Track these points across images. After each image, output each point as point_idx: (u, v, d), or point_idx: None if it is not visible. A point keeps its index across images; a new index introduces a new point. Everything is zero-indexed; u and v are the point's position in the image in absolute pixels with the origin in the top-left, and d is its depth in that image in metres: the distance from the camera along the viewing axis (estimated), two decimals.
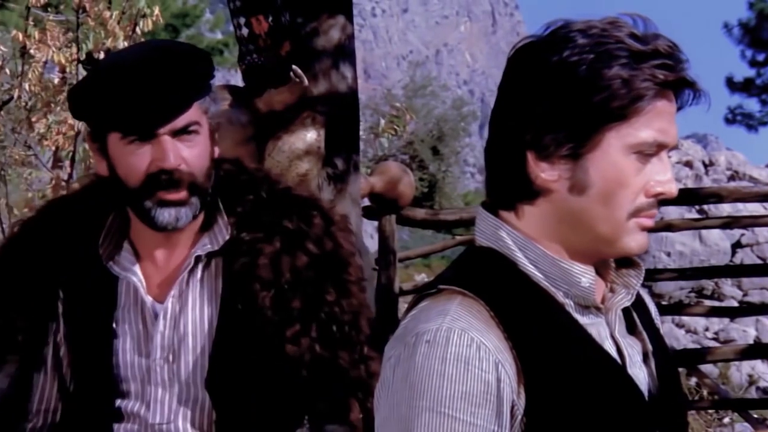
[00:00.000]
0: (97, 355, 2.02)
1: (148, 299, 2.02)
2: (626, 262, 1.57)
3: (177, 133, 1.94)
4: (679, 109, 1.48)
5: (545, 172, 1.46)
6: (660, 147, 1.45)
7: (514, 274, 1.49)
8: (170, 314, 2.00)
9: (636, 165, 1.44)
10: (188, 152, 1.94)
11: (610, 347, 1.51)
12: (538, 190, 1.48)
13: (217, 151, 2.04)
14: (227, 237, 2.03)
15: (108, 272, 2.02)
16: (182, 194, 1.94)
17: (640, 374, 1.54)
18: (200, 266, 2.03)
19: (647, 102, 1.42)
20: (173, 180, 1.93)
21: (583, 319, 1.50)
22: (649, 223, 1.48)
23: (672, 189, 1.46)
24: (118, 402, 2.02)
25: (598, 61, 1.41)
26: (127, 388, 2.02)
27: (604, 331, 1.52)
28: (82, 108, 1.99)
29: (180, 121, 1.93)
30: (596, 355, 1.48)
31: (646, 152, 1.44)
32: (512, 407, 1.41)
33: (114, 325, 2.02)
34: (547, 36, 1.47)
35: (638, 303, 1.62)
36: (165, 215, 1.95)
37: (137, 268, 2.03)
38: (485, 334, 1.41)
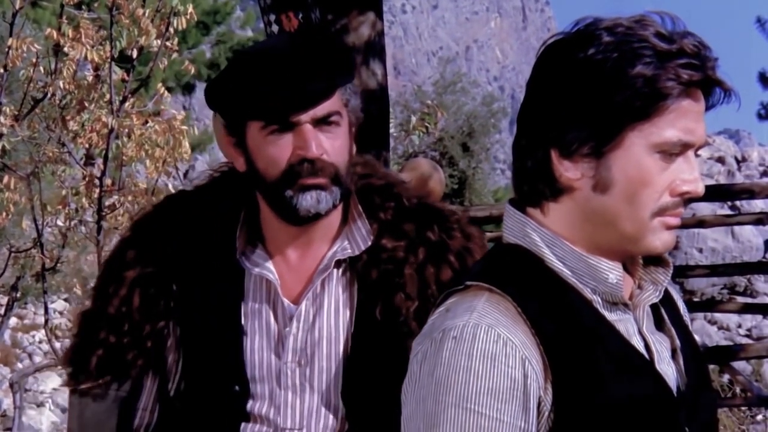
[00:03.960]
0: (225, 351, 1.95)
1: (284, 299, 1.94)
2: (654, 258, 1.57)
3: (318, 123, 1.88)
4: (709, 108, 1.47)
5: (569, 171, 1.47)
6: (686, 146, 1.44)
7: (541, 271, 1.50)
8: (304, 316, 1.94)
9: (660, 164, 1.44)
10: (329, 143, 1.89)
11: (638, 343, 1.51)
12: (562, 188, 1.49)
13: (354, 147, 2.00)
14: (369, 243, 1.97)
15: (237, 266, 1.97)
16: (323, 180, 1.88)
17: (669, 370, 1.54)
18: (338, 270, 1.97)
19: (672, 101, 1.42)
20: (315, 169, 1.87)
21: (610, 316, 1.50)
22: (674, 221, 1.47)
23: (698, 188, 1.45)
24: (248, 403, 1.94)
25: (623, 59, 1.42)
26: (258, 388, 1.94)
27: (632, 327, 1.53)
28: (220, 99, 1.93)
29: (321, 110, 1.87)
30: (624, 351, 1.48)
31: (671, 151, 1.44)
32: (539, 403, 1.42)
33: (242, 321, 1.96)
34: (573, 33, 1.48)
35: (666, 299, 1.62)
36: (307, 199, 1.87)
37: (271, 265, 1.96)
38: (512, 330, 1.42)
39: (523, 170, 1.53)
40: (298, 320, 1.93)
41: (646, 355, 1.51)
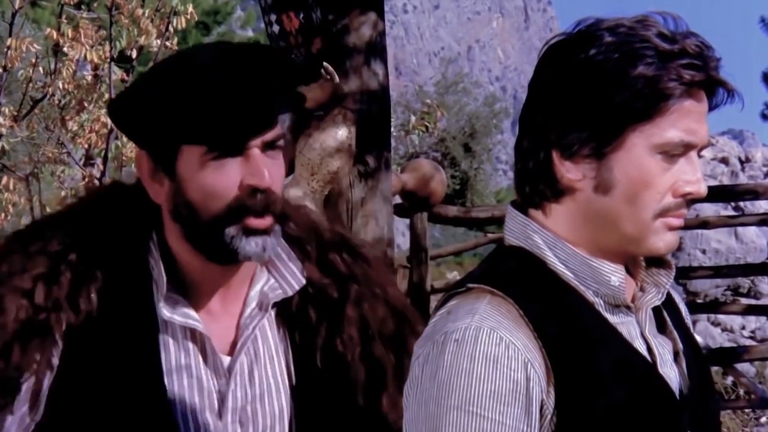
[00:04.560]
0: (148, 415, 1.66)
1: (218, 353, 1.72)
2: (657, 260, 1.56)
3: (265, 148, 1.65)
4: (712, 108, 1.47)
5: (570, 172, 1.46)
6: (688, 147, 1.44)
7: (543, 273, 1.50)
8: (240, 369, 1.73)
9: (662, 165, 1.44)
10: (275, 172, 1.66)
11: (640, 346, 1.51)
12: (564, 189, 1.49)
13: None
14: (303, 281, 1.78)
15: (150, 313, 1.69)
16: (268, 221, 1.65)
17: (671, 373, 1.54)
18: (270, 311, 1.78)
19: (673, 101, 1.42)
20: (267, 202, 1.64)
21: (613, 318, 1.50)
22: (677, 223, 1.47)
23: (701, 189, 1.45)
24: None
25: (624, 60, 1.41)
26: None
27: (635, 330, 1.53)
28: (142, 119, 1.67)
29: (271, 134, 1.65)
30: (627, 354, 1.48)
31: (673, 152, 1.44)
32: (542, 406, 1.42)
33: (167, 380, 1.68)
34: (575, 34, 1.48)
35: (668, 302, 1.62)
36: (252, 245, 1.64)
37: (193, 312, 1.71)
38: (514, 332, 1.42)
39: (525, 171, 1.52)
40: (236, 375, 1.72)
41: (649, 359, 1.51)
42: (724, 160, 14.43)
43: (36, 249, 1.71)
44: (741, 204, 12.05)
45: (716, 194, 7.19)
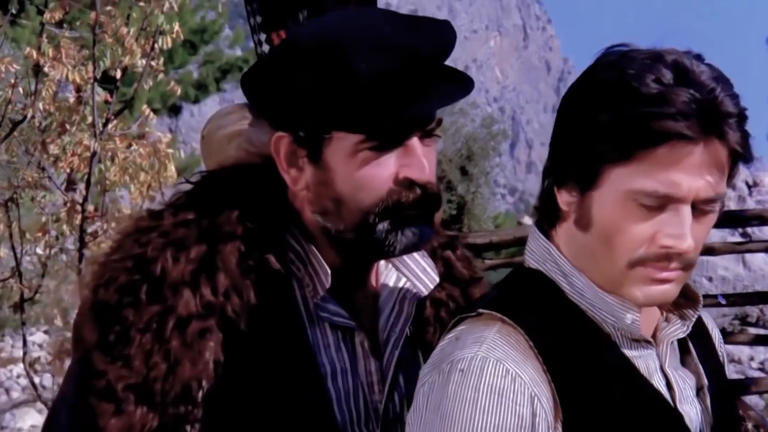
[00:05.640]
0: (312, 420, 1.56)
1: (372, 359, 1.63)
2: (683, 292, 1.56)
3: (424, 136, 1.56)
4: (735, 160, 1.44)
5: (562, 200, 1.49)
6: (668, 199, 1.42)
7: (560, 302, 1.50)
8: (397, 376, 1.67)
9: (640, 212, 1.43)
10: (431, 160, 1.58)
11: (659, 381, 1.51)
12: (562, 215, 1.52)
13: None
14: (436, 279, 1.70)
15: (298, 312, 1.59)
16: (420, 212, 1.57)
17: (692, 410, 1.54)
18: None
19: (651, 150, 1.40)
20: (425, 197, 1.55)
21: (630, 352, 1.50)
22: (659, 275, 1.45)
23: (681, 245, 1.42)
24: None
25: (607, 101, 1.42)
26: None
27: (654, 363, 1.53)
28: (299, 99, 1.54)
29: (431, 121, 1.56)
30: (641, 391, 1.48)
31: (646, 203, 1.42)
32: None
33: (330, 384, 1.60)
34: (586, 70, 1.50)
35: (699, 332, 1.61)
36: (408, 235, 1.56)
37: (341, 310, 1.62)
38: (522, 365, 1.43)
39: (540, 193, 1.55)
40: (389, 381, 1.65)
41: (667, 394, 1.51)
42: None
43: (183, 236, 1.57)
44: (749, 230, 12.06)
45: (723, 220, 7.20)
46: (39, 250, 6.35)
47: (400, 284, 1.70)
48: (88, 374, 1.52)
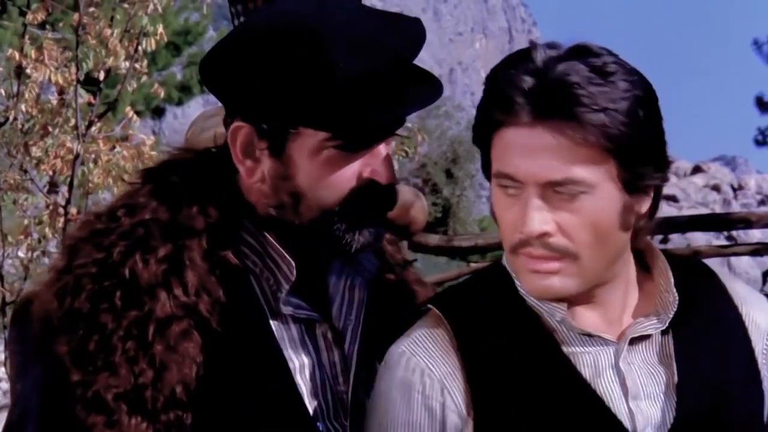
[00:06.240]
0: (285, 415, 1.55)
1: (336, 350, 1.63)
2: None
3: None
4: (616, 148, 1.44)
5: None
6: (516, 182, 1.46)
7: (514, 297, 1.54)
8: (359, 367, 1.65)
9: (505, 198, 1.48)
10: (391, 161, 1.59)
11: (610, 377, 1.52)
12: None
13: None
14: (377, 265, 1.71)
15: (260, 308, 1.56)
16: (384, 214, 1.59)
17: (650, 409, 1.53)
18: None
19: (497, 134, 1.47)
20: (386, 199, 1.57)
21: (575, 348, 1.52)
22: (534, 266, 1.48)
23: (524, 228, 1.45)
24: None
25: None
26: None
27: (607, 359, 1.54)
28: (267, 90, 1.49)
29: (402, 125, 1.58)
30: (567, 388, 1.50)
31: (504, 185, 1.47)
32: None
33: (298, 379, 1.58)
34: None
35: (706, 327, 1.59)
36: (366, 235, 1.55)
37: (302, 302, 1.60)
38: (438, 360, 1.50)
39: None
40: (353, 371, 1.64)
41: (617, 391, 1.52)
42: (716, 188, 14.52)
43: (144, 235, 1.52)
44: (734, 233, 12.13)
45: (708, 223, 7.24)
46: (21, 254, 6.32)
47: (344, 273, 1.67)
48: (61, 387, 1.47)
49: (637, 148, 1.44)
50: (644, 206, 1.51)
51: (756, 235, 11.13)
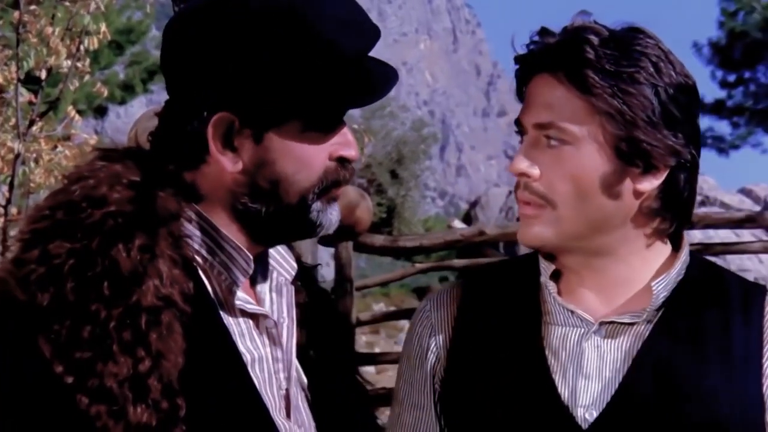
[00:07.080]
0: (241, 411, 1.54)
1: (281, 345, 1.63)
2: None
3: None
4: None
5: None
6: (522, 125, 1.64)
7: (527, 271, 1.70)
8: (297, 362, 1.66)
9: (519, 147, 1.66)
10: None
11: (570, 353, 1.61)
12: None
13: None
14: (295, 265, 1.70)
15: (208, 300, 1.55)
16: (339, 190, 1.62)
17: (602, 393, 1.59)
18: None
19: (524, 88, 1.67)
20: (349, 174, 1.60)
21: (550, 319, 1.64)
22: (521, 210, 1.64)
23: (512, 166, 1.62)
24: None
25: None
26: None
27: (575, 337, 1.62)
28: (260, 80, 1.47)
29: None
30: (523, 357, 1.63)
31: (518, 131, 1.66)
32: (434, 374, 1.71)
33: (251, 373, 1.57)
34: None
35: (694, 326, 1.62)
36: (333, 215, 1.60)
37: (249, 297, 1.60)
38: (441, 309, 1.74)
39: None
40: (294, 366, 1.65)
41: (569, 369, 1.60)
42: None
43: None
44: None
45: None
46: None
47: (270, 271, 1.67)
48: (45, 379, 1.42)
49: (632, 123, 1.53)
50: (646, 184, 1.57)
51: (696, 235, 11.25)
